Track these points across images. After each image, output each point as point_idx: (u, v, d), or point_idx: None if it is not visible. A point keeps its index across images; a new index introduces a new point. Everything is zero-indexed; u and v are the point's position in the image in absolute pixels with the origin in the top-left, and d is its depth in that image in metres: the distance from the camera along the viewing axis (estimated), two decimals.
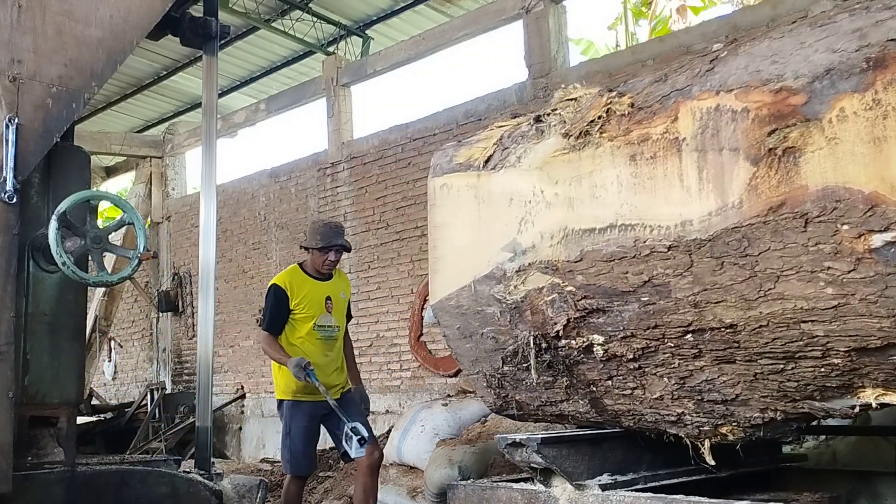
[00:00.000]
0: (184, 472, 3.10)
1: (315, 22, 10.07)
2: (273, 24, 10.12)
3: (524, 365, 3.14)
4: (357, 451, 4.16)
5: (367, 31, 10.49)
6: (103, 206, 3.23)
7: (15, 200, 2.60)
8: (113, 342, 12.92)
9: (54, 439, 2.80)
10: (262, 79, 11.67)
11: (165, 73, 11.52)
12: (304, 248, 4.65)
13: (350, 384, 4.71)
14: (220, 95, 11.10)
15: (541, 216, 2.98)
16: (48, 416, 2.80)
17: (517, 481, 3.41)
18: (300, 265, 4.68)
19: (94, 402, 11.55)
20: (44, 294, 2.81)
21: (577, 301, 2.86)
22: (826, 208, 2.13)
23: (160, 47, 10.04)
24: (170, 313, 11.93)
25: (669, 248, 2.51)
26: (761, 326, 2.45)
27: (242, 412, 10.77)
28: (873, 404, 2.51)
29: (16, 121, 2.61)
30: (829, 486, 3.69)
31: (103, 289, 11.01)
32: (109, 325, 12.13)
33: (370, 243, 9.01)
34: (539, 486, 3.18)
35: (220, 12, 3.62)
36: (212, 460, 3.32)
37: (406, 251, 8.56)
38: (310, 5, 9.88)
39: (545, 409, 3.41)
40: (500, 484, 3.36)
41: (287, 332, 4.50)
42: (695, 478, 3.25)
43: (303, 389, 4.41)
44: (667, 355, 2.78)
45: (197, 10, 3.50)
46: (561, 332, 2.98)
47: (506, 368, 3.29)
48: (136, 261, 2.85)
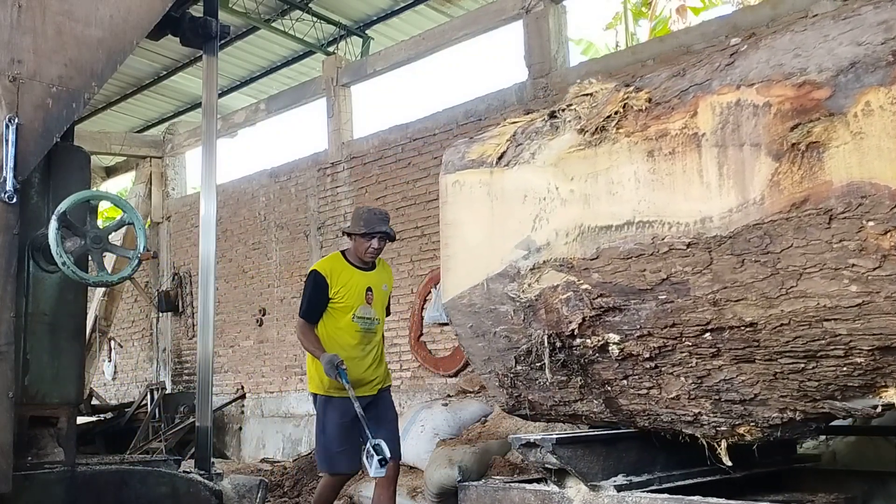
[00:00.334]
0: (184, 472, 3.09)
1: (315, 22, 10.07)
2: (273, 24, 10.12)
3: (538, 364, 3.11)
4: (376, 470, 3.95)
5: (367, 31, 10.49)
6: (103, 206, 3.22)
7: (15, 200, 2.60)
8: (113, 342, 12.91)
9: (54, 439, 2.79)
10: (262, 79, 11.67)
11: (165, 73, 11.52)
12: (346, 233, 4.48)
13: (390, 380, 4.58)
14: (220, 95, 11.10)
15: (556, 213, 2.95)
16: (48, 416, 2.80)
17: (530, 482, 3.37)
18: (342, 253, 4.50)
19: (94, 402, 11.56)
20: (44, 294, 2.81)
21: (593, 299, 2.83)
22: (851, 204, 2.09)
23: (160, 47, 10.04)
24: (170, 313, 11.93)
25: (688, 245, 2.48)
26: (782, 325, 2.41)
27: (242, 412, 10.77)
28: None
29: (16, 121, 2.61)
30: (844, 486, 3.65)
31: (103, 289, 11.01)
32: (109, 325, 12.14)
33: None
34: (553, 487, 3.15)
35: (220, 12, 3.62)
36: (212, 460, 3.32)
37: (406, 251, 8.57)
38: (310, 5, 9.87)
39: (558, 409, 3.38)
40: (513, 485, 3.32)
41: (325, 321, 4.33)
42: (709, 478, 3.22)
43: (336, 385, 4.23)
44: (684, 354, 2.75)
45: (197, 10, 3.50)
46: (576, 331, 2.94)
47: (519, 368, 3.26)
48: (136, 261, 2.84)
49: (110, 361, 13.03)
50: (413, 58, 9.28)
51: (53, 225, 2.60)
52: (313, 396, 4.42)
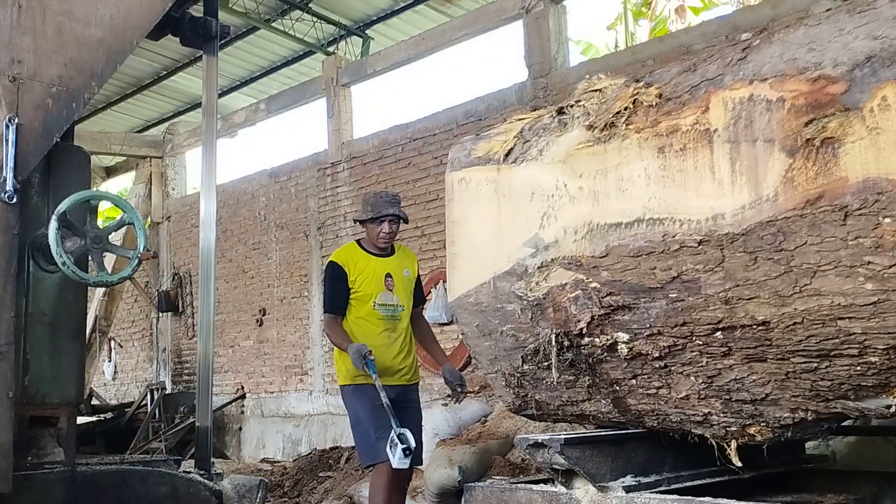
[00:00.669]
0: (184, 472, 3.09)
1: (315, 22, 10.07)
2: (273, 24, 10.12)
3: (545, 364, 3.06)
4: (400, 460, 3.73)
5: (367, 31, 10.49)
6: (103, 206, 3.22)
7: (15, 200, 2.60)
8: (113, 342, 12.92)
9: (54, 439, 2.79)
10: (262, 79, 11.68)
11: (165, 73, 11.52)
12: (357, 221, 4.39)
13: (417, 376, 4.50)
14: (220, 95, 11.10)
15: (564, 210, 2.90)
16: (48, 416, 2.80)
17: (536, 482, 3.33)
18: (358, 242, 4.42)
19: (94, 402, 11.56)
20: (44, 294, 2.81)
21: (602, 298, 2.79)
22: (867, 201, 2.05)
23: (160, 47, 10.04)
24: (170, 313, 11.93)
25: (700, 242, 2.44)
26: (795, 323, 2.38)
27: (242, 412, 10.77)
28: None
29: (16, 121, 2.61)
30: (853, 487, 3.60)
31: (103, 289, 11.01)
32: (109, 325, 12.14)
33: None
34: (560, 488, 3.11)
35: (220, 12, 3.62)
36: (212, 460, 3.32)
37: None
38: (310, 5, 9.88)
39: (566, 409, 3.34)
40: (520, 486, 3.27)
41: (347, 312, 4.23)
42: (717, 479, 3.19)
43: (364, 373, 4.06)
44: (694, 353, 2.71)
45: (197, 10, 3.50)
46: (584, 330, 2.90)
47: (526, 367, 3.22)
48: (136, 261, 2.84)
49: (110, 361, 13.03)
50: (413, 58, 9.28)
51: (53, 225, 2.60)
52: (342, 389, 4.29)
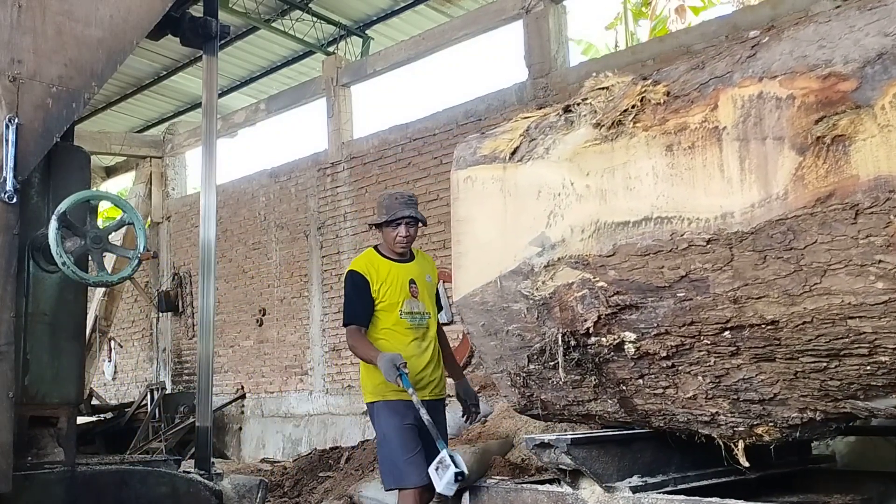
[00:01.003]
0: (184, 472, 3.10)
1: (315, 22, 10.07)
2: (273, 24, 10.13)
3: (551, 363, 3.04)
4: (448, 485, 3.33)
5: (367, 31, 10.50)
6: (103, 206, 3.22)
7: (15, 200, 2.60)
8: (113, 342, 12.92)
9: (54, 439, 2.79)
10: (262, 79, 11.68)
11: (165, 73, 11.52)
12: (372, 225, 4.10)
13: (445, 390, 4.20)
14: (220, 95, 11.10)
15: (571, 209, 2.88)
16: (48, 416, 2.80)
17: (542, 482, 3.32)
18: (376, 248, 4.09)
19: (94, 402, 11.56)
20: (44, 294, 2.81)
21: (609, 297, 2.78)
22: (878, 199, 2.04)
23: (160, 47, 10.04)
24: (170, 313, 11.94)
25: (709, 241, 2.42)
26: (805, 323, 2.36)
27: (242, 412, 10.78)
28: None
29: (16, 121, 2.61)
30: (860, 487, 3.59)
31: (103, 289, 11.01)
32: (109, 325, 12.14)
33: (370, 243, 8.96)
34: (566, 489, 3.09)
35: (220, 12, 3.62)
36: (212, 460, 3.32)
37: None
38: (310, 5, 9.88)
39: (571, 409, 3.32)
40: (525, 486, 3.26)
41: (372, 324, 3.90)
42: (724, 479, 3.17)
43: (393, 388, 3.76)
44: (702, 353, 2.69)
45: (197, 10, 3.50)
46: (591, 330, 2.88)
47: (532, 367, 3.19)
48: (136, 261, 2.84)
49: (110, 361, 13.04)
50: (413, 58, 9.28)
51: (53, 225, 2.61)
52: (369, 407, 3.94)
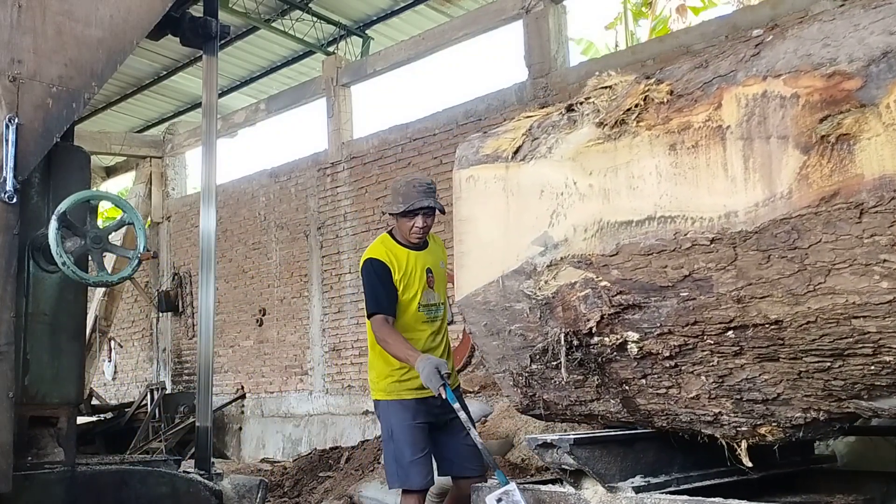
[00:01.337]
0: (184, 472, 3.10)
1: (315, 22, 10.07)
2: (273, 24, 10.13)
3: (554, 363, 3.03)
4: None
5: (367, 31, 10.50)
6: (103, 206, 3.23)
7: (15, 200, 2.60)
8: (113, 342, 12.92)
9: (54, 439, 2.80)
10: (262, 79, 11.68)
11: (165, 73, 11.52)
12: (387, 213, 3.89)
13: (458, 378, 4.00)
14: (220, 95, 11.11)
15: (574, 208, 2.87)
16: (48, 416, 2.80)
17: (544, 483, 3.31)
18: (390, 233, 3.88)
19: (94, 402, 11.56)
20: (44, 294, 2.81)
21: (612, 297, 2.76)
22: (883, 198, 2.03)
23: (160, 47, 10.04)
24: (170, 313, 11.94)
25: (712, 240, 2.41)
26: (809, 322, 2.35)
27: (242, 412, 10.78)
28: None
29: (16, 121, 2.61)
30: (862, 488, 3.58)
31: (103, 289, 11.02)
32: (109, 325, 12.15)
33: (370, 243, 8.96)
34: (569, 489, 3.08)
35: (220, 12, 3.62)
36: (212, 460, 3.32)
37: None
38: (310, 5, 9.88)
39: (574, 409, 3.31)
40: (527, 486, 3.23)
41: None
42: (726, 479, 3.17)
43: (407, 386, 3.63)
44: (705, 353, 2.68)
45: (197, 10, 3.50)
46: (594, 329, 2.87)
47: (534, 367, 3.18)
48: (136, 261, 2.85)
49: (110, 361, 13.04)
50: (413, 58, 9.28)
51: (53, 225, 2.61)
52: (376, 403, 3.78)
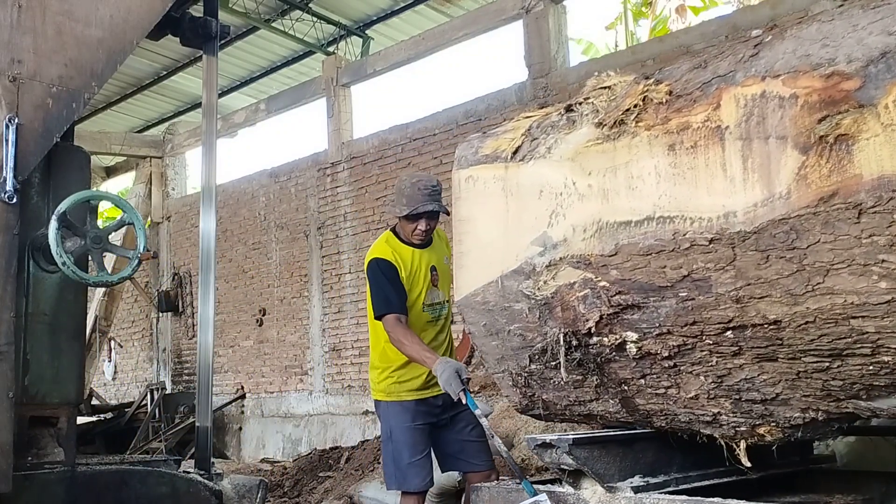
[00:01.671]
0: (184, 472, 3.10)
1: (315, 22, 10.07)
2: (273, 24, 10.13)
3: (553, 363, 3.03)
4: None
5: (367, 31, 10.50)
6: (103, 206, 3.23)
7: (15, 200, 2.60)
8: (113, 342, 12.93)
9: (54, 439, 2.80)
10: (262, 79, 11.69)
11: (165, 73, 11.53)
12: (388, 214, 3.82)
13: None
14: (220, 95, 11.11)
15: (573, 209, 2.88)
16: (48, 416, 2.80)
17: (543, 483, 3.31)
18: (393, 231, 3.81)
19: (94, 402, 11.57)
20: (44, 294, 2.81)
21: (611, 297, 2.77)
22: (882, 198, 2.03)
23: (160, 47, 10.04)
24: (170, 313, 11.94)
25: (711, 240, 2.41)
26: (807, 322, 2.35)
27: (242, 412, 10.78)
28: None
29: (16, 121, 2.61)
30: (861, 488, 3.59)
31: (103, 289, 11.02)
32: (109, 325, 12.15)
33: (370, 243, 8.97)
34: (568, 489, 3.09)
35: (220, 12, 3.62)
36: (212, 460, 3.32)
37: None
38: (310, 5, 9.88)
39: (573, 409, 3.31)
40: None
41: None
42: (725, 479, 3.17)
43: (407, 388, 3.62)
44: (704, 353, 2.69)
45: (197, 10, 3.50)
46: (593, 329, 2.87)
47: (533, 367, 3.18)
48: (136, 261, 2.85)
49: (110, 361, 13.04)
50: (413, 58, 9.28)
51: (53, 225, 2.61)
52: (377, 404, 3.76)
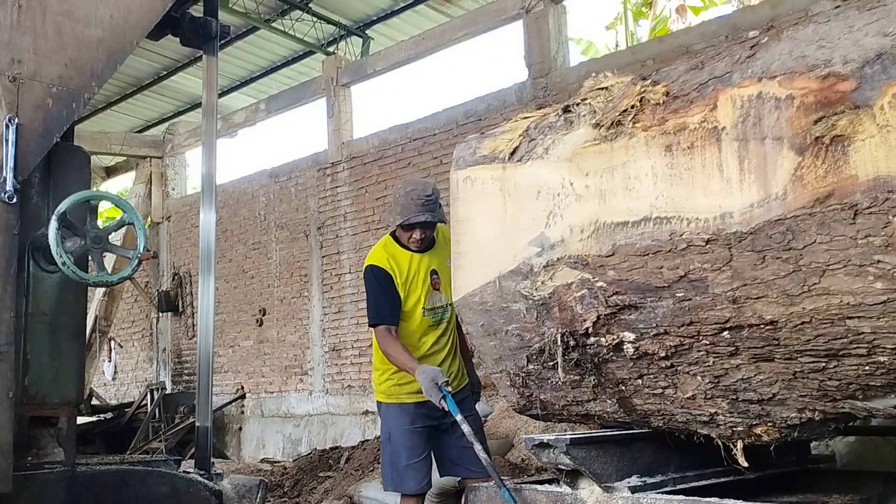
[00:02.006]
0: (184, 472, 3.10)
1: (315, 22, 10.07)
2: (273, 24, 10.13)
3: (550, 363, 3.04)
4: None
5: (367, 31, 10.50)
6: (103, 206, 3.22)
7: (15, 200, 2.60)
8: (113, 342, 12.93)
9: (54, 439, 2.80)
10: (262, 79, 11.69)
11: (165, 73, 11.53)
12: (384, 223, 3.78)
13: (466, 377, 3.92)
14: (220, 95, 11.11)
15: (570, 209, 2.88)
16: (48, 416, 2.80)
17: (541, 483, 3.32)
18: (393, 235, 3.77)
19: (94, 402, 11.57)
20: (44, 294, 2.81)
21: (608, 297, 2.78)
22: (877, 199, 2.04)
23: (160, 47, 10.05)
24: (170, 313, 11.94)
25: (708, 241, 2.42)
26: (804, 323, 2.36)
27: (242, 412, 10.78)
28: None
29: (16, 121, 2.61)
30: (859, 488, 3.59)
31: (103, 289, 11.02)
32: (109, 325, 12.15)
33: (370, 243, 9.00)
34: (565, 489, 3.09)
35: (220, 12, 3.62)
36: (212, 460, 3.32)
37: None
38: (310, 5, 9.88)
39: (571, 409, 3.32)
40: (524, 486, 3.25)
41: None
42: (723, 479, 3.18)
43: (407, 390, 3.65)
44: (701, 353, 2.70)
45: (197, 10, 3.50)
46: (590, 330, 2.88)
47: (531, 367, 3.19)
48: (136, 261, 2.85)
49: (110, 361, 13.04)
50: (413, 58, 9.29)
51: (53, 225, 2.61)
52: (377, 405, 3.82)
